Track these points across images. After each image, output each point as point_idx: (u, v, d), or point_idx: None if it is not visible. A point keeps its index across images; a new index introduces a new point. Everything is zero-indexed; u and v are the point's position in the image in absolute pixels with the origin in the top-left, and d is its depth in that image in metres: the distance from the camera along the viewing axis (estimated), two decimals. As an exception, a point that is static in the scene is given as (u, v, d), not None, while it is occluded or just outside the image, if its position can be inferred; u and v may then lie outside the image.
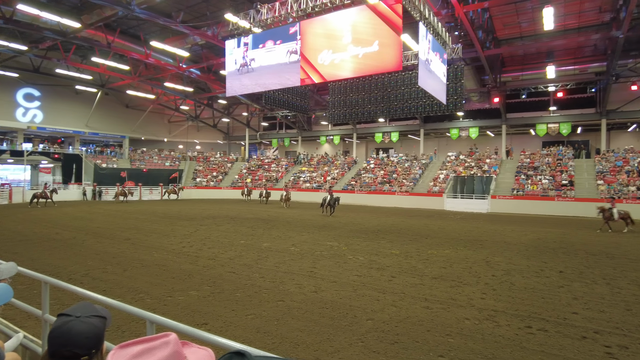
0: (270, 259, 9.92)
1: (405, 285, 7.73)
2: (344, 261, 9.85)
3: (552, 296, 7.11)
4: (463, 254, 11.27)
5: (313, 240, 13.08)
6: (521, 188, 28.74)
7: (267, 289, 7.22)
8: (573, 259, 10.71)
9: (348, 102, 24.91)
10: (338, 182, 37.02)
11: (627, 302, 6.82)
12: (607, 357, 4.71)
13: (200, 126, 50.97)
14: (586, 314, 6.17)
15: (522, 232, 16.60)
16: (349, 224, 18.23)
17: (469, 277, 8.51)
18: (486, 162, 33.61)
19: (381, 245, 12.50)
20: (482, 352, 4.77)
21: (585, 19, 24.05)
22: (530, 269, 9.32)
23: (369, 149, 47.31)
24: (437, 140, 42.77)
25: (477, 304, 6.57)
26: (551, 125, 32.70)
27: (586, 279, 8.44)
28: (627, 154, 29.71)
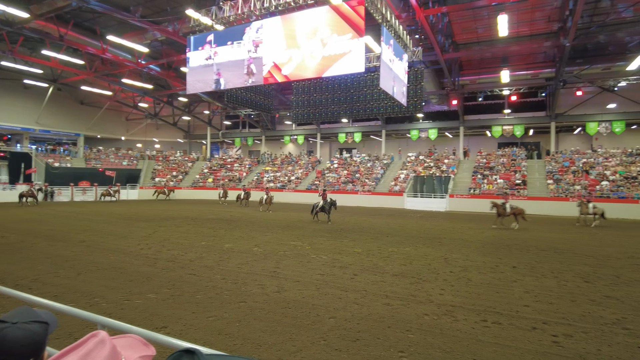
0: (232, 260, 9.77)
1: (367, 282, 7.83)
2: (307, 260, 9.86)
3: (506, 290, 7.43)
4: (422, 251, 11.56)
5: (277, 240, 13.00)
6: (478, 187, 29.86)
7: (229, 291, 7.11)
8: (525, 254, 11.23)
9: (312, 102, 24.96)
10: (302, 182, 37.03)
11: (572, 294, 7.24)
12: (554, 345, 4.97)
13: (160, 124, 49.49)
14: (536, 306, 6.49)
15: (478, 229, 17.23)
16: (312, 224, 18.26)
17: (428, 273, 8.74)
18: (444, 162, 34.68)
19: (344, 243, 12.61)
20: (440, 347, 4.91)
21: (536, 27, 25.30)
22: (486, 265, 9.69)
23: (333, 149, 47.63)
24: (398, 141, 43.66)
25: (435, 300, 6.76)
26: (506, 127, 34.18)
27: (537, 273, 8.88)
28: (573, 155, 31.56)
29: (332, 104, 24.38)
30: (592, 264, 10.05)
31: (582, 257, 10.97)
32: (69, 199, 33.73)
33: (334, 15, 14.43)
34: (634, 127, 32.91)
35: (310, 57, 15.03)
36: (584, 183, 27.31)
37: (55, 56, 28.54)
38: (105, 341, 1.07)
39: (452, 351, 4.79)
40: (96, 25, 26.16)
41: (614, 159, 29.63)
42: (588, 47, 27.95)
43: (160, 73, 32.79)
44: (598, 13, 22.96)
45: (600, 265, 9.89)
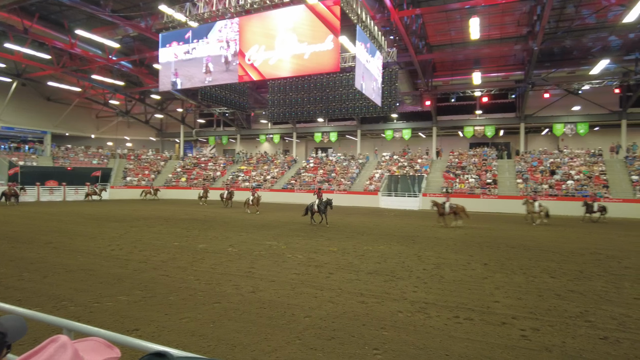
0: (206, 261, 9.63)
1: (342, 281, 7.87)
2: (282, 260, 9.82)
3: (477, 287, 7.61)
4: (396, 249, 11.72)
5: (252, 240, 12.91)
6: (450, 186, 30.48)
7: (203, 292, 7.01)
8: (496, 252, 11.54)
9: (288, 101, 24.89)
10: (278, 181, 36.88)
11: (539, 289, 7.49)
12: (522, 339, 5.14)
13: (132, 122, 48.26)
14: (506, 301, 6.68)
15: (450, 228, 17.59)
16: (288, 223, 18.21)
17: (402, 271, 8.86)
18: (418, 161, 35.26)
19: (320, 242, 12.63)
20: (414, 343, 4.98)
21: (506, 30, 26.03)
22: (458, 263, 9.91)
23: (309, 149, 47.64)
24: (373, 141, 44.08)
25: (409, 297, 6.86)
26: (477, 128, 35.04)
27: (506, 270, 9.14)
28: (541, 155, 32.65)
29: (308, 103, 24.39)
30: (557, 260, 10.43)
31: (548, 253, 11.37)
32: (35, 199, 32.47)
33: (309, 14, 14.42)
34: (597, 128, 34.33)
35: (286, 56, 14.98)
36: (531, 184, 28.30)
37: (19, 50, 27.37)
38: (66, 346, 1.03)
39: (425, 347, 4.88)
40: (64, 18, 25.25)
41: (578, 159, 30.82)
42: (555, 51, 28.97)
43: (132, 70, 31.98)
44: (564, 19, 23.84)
45: (565, 261, 10.27)
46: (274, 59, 15.21)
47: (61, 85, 36.32)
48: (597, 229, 17.91)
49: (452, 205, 18.03)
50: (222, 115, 43.84)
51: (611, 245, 13.22)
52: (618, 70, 29.17)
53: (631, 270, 9.35)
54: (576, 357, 4.67)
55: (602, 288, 7.64)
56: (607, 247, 12.78)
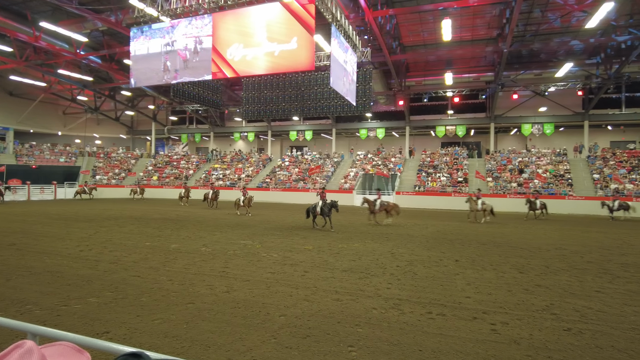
0: (179, 261, 9.46)
1: (317, 279, 7.89)
2: (257, 259, 9.76)
3: (449, 283, 7.78)
4: (370, 247, 11.84)
5: (226, 240, 12.76)
6: (422, 185, 31.03)
7: (176, 292, 6.88)
8: (467, 248, 11.83)
9: (262, 99, 24.70)
10: (253, 180, 36.59)
11: (509, 284, 7.72)
12: (492, 333, 5.29)
13: (101, 119, 46.83)
14: (477, 297, 6.86)
15: (423, 225, 17.92)
16: (263, 222, 18.10)
17: (376, 268, 8.96)
18: (391, 160, 35.71)
19: (295, 241, 12.62)
20: (388, 340, 5.05)
21: (477, 32, 26.67)
22: (430, 259, 10.10)
23: (284, 147, 47.46)
24: (348, 140, 44.34)
25: (383, 294, 6.95)
26: (449, 128, 35.79)
27: (477, 266, 9.39)
28: (510, 154, 33.66)
29: (283, 102, 24.28)
30: (525, 255, 10.78)
31: (517, 249, 11.74)
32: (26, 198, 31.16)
33: (284, 12, 14.35)
34: (562, 129, 35.67)
35: (260, 54, 14.87)
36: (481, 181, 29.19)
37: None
38: (32, 351, 0.99)
39: (399, 343, 4.95)
40: (27, 10, 24.19)
41: (545, 158, 31.95)
42: (523, 53, 29.91)
43: (102, 65, 31.00)
44: (531, 22, 24.63)
45: (532, 256, 10.63)
46: (247, 56, 15.07)
47: (25, 79, 34.83)
48: (562, 226, 18.60)
49: (384, 203, 18.04)
50: (195, 112, 43.11)
51: (575, 241, 13.77)
52: (581, 74, 30.40)
53: (593, 264, 9.77)
54: (542, 349, 4.85)
55: (566, 282, 7.96)
56: (571, 243, 13.30)
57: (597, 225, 19.42)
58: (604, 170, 28.81)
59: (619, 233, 16.11)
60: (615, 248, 12.36)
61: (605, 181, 27.50)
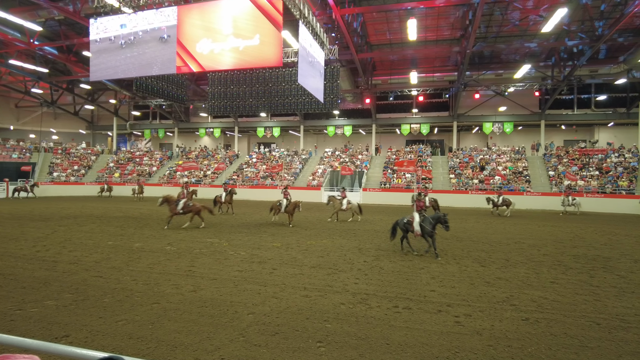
0: (143, 260, 9.20)
1: (285, 276, 7.88)
2: (224, 257, 9.63)
3: (415, 277, 7.97)
4: (338, 242, 11.94)
5: (191, 238, 12.52)
6: (388, 181, 31.55)
7: (140, 292, 6.69)
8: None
9: (229, 94, 24.31)
10: (219, 177, 36.00)
11: (471, 277, 8.00)
12: (456, 325, 5.47)
13: (59, 113, 44.66)
14: (441, 290, 7.06)
15: (388, 221, 18.18)
16: (229, 219, 17.87)
17: (343, 264, 9.05)
18: (358, 157, 36.07)
19: (263, 238, 12.54)
20: (356, 334, 5.12)
21: (441, 33, 27.31)
22: (396, 254, 10.30)
23: (251, 143, 46.95)
24: (316, 137, 44.39)
25: (351, 289, 7.03)
26: (414, 126, 36.53)
27: (441, 260, 9.65)
28: (472, 152, 34.75)
29: (250, 97, 23.99)
30: (486, 249, 11.19)
31: (478, 243, 12.15)
32: None
33: (251, 7, 14.17)
34: (520, 128, 37.18)
35: (226, 49, 14.62)
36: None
37: None
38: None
39: (366, 337, 5.03)
40: (-26, -4, 22.66)
41: (504, 155, 33.20)
42: (485, 54, 30.93)
43: (58, 56, 29.54)
44: (492, 24, 25.48)
45: (493, 250, 11.05)
46: (214, 50, 14.79)
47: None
48: (520, 220, 19.42)
49: (349, 202, 17.89)
50: (159, 107, 41.90)
51: (532, 235, 14.41)
52: (537, 75, 31.77)
53: (548, 257, 10.27)
54: (502, 339, 5.06)
55: (524, 274, 8.33)
56: (529, 236, 13.92)
57: (552, 219, 20.40)
58: (558, 167, 30.28)
59: (572, 227, 16.99)
60: (568, 241, 13.04)
61: (559, 178, 28.92)
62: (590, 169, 29.27)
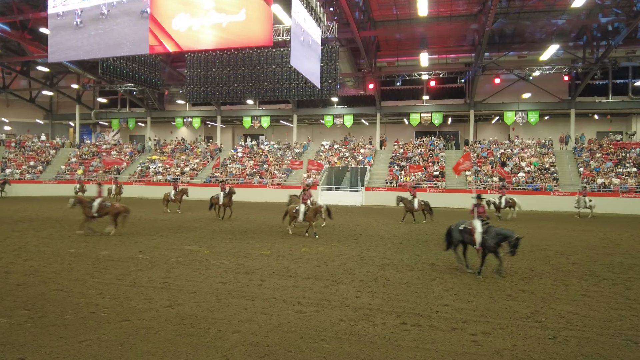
0: (110, 271, 9.19)
1: (276, 288, 7.89)
2: (205, 267, 9.63)
3: (425, 290, 8.00)
4: (337, 250, 11.96)
5: (167, 245, 12.50)
6: (395, 179, 31.61)
7: (108, 308, 6.68)
8: (444, 250, 12.17)
9: (210, 78, 24.25)
10: (199, 174, 35.95)
11: (490, 290, 8.03)
12: (473, 345, 5.49)
13: (12, 100, 44.39)
14: (456, 305, 7.09)
15: (395, 225, 18.27)
16: (211, 223, 17.86)
17: (343, 274, 9.07)
18: (360, 152, 36.11)
19: (250, 245, 12.54)
20: (358, 355, 5.13)
21: (456, 8, 27.34)
22: (403, 263, 10.33)
23: (236, 135, 46.89)
24: (311, 128, 44.38)
25: (352, 304, 7.05)
26: (424, 115, 36.59)
27: (455, 270, 9.69)
28: (491, 145, 34.86)
29: (235, 82, 23.95)
30: (508, 258, 11.20)
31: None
32: None
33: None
34: (547, 117, 37.32)
35: (207, 25, 14.57)
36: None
37: None
38: None
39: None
40: None
41: (529, 149, 33.33)
42: (507, 32, 30.99)
43: (11, 34, 29.30)
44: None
45: (515, 259, 11.05)
46: (193, 26, 14.74)
47: None
48: (546, 224, 19.51)
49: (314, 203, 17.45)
50: (129, 93, 41.71)
51: (559, 241, 14.48)
52: (567, 57, 31.90)
53: (578, 266, 10.33)
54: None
55: (551, 286, 8.38)
56: (556, 243, 13.99)
57: (583, 223, 20.50)
58: (590, 163, 30.43)
59: (605, 232, 17.09)
60: (601, 248, 13.12)
61: (592, 175, 29.06)
62: (627, 165, 29.43)
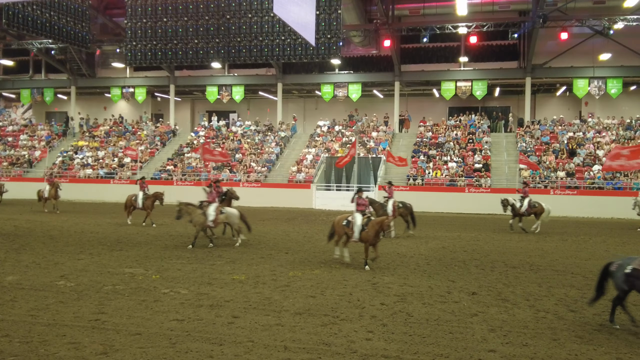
0: (19, 304, 9.16)
1: (254, 328, 7.88)
2: (154, 298, 9.61)
3: (463, 329, 7.99)
4: (340, 273, 11.93)
5: (99, 267, 12.46)
6: (420, 174, 31.57)
7: (16, 357, 6.66)
8: (489, 274, 12.18)
9: (160, 31, 24.17)
10: (145, 167, 35.85)
11: (553, 329, 8.05)
12: (530, 407, 5.50)
13: None
14: (506, 350, 7.10)
15: (420, 238, 18.26)
16: (163, 236, 17.81)
17: (348, 308, 9.05)
18: (372, 136, 35.98)
19: (216, 267, 12.50)
20: (368, 421, 5.14)
21: None
22: (433, 292, 10.32)
23: (197, 112, 46.82)
24: (303, 102, 44.35)
25: (360, 349, 7.04)
26: (461, 84, 36.39)
27: (506, 301, 9.70)
28: (555, 126, 34.79)
29: (195, 37, 23.89)
30: (579, 284, 11.26)
31: (566, 275, 12.23)
32: None
33: None
34: (633, 87, 37.28)
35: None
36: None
37: None
38: None
39: None
40: None
41: (608, 132, 33.28)
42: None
43: None
44: None
45: (589, 285, 11.10)
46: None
47: None
48: (628, 239, 19.56)
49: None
50: (45, 53, 41.54)
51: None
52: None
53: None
54: None
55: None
56: None
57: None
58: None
59: None
60: None
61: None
62: None
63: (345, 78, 38.64)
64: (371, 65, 38.70)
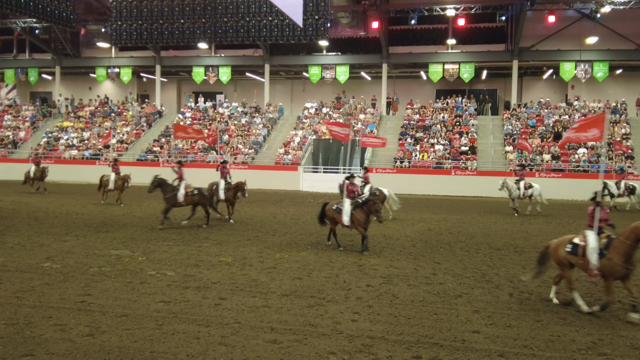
0: (5, 285, 9.13)
1: (240, 310, 7.91)
2: (140, 280, 9.61)
3: (448, 310, 8.07)
4: (326, 255, 12.01)
5: (85, 249, 12.43)
6: (407, 157, 31.64)
7: (2, 338, 6.65)
8: (474, 256, 12.29)
9: (146, 11, 23.93)
10: (130, 148, 35.65)
11: (536, 310, 8.15)
12: (512, 387, 5.59)
13: None
14: (489, 331, 7.18)
15: (407, 220, 18.37)
16: (149, 218, 17.79)
17: (334, 289, 9.12)
18: (360, 118, 35.98)
19: (203, 249, 12.52)
20: (353, 401, 5.19)
21: None
22: (418, 274, 10.41)
23: (184, 93, 46.52)
24: (290, 84, 44.18)
25: (346, 330, 7.09)
26: (449, 67, 36.36)
27: (490, 282, 9.80)
28: (542, 109, 34.93)
29: (182, 17, 23.69)
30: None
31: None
32: None
33: None
34: (619, 71, 37.47)
35: None
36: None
37: None
38: None
39: (370, 407, 5.11)
40: None
41: (593, 115, 33.43)
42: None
43: None
44: None
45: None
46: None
47: None
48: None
49: None
50: (29, 33, 41.01)
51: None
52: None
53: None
54: (585, 407, 5.20)
55: (621, 305, 8.51)
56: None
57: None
58: (677, 135, 30.78)
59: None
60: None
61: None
62: None
63: (332, 60, 38.48)
64: (359, 47, 38.53)
